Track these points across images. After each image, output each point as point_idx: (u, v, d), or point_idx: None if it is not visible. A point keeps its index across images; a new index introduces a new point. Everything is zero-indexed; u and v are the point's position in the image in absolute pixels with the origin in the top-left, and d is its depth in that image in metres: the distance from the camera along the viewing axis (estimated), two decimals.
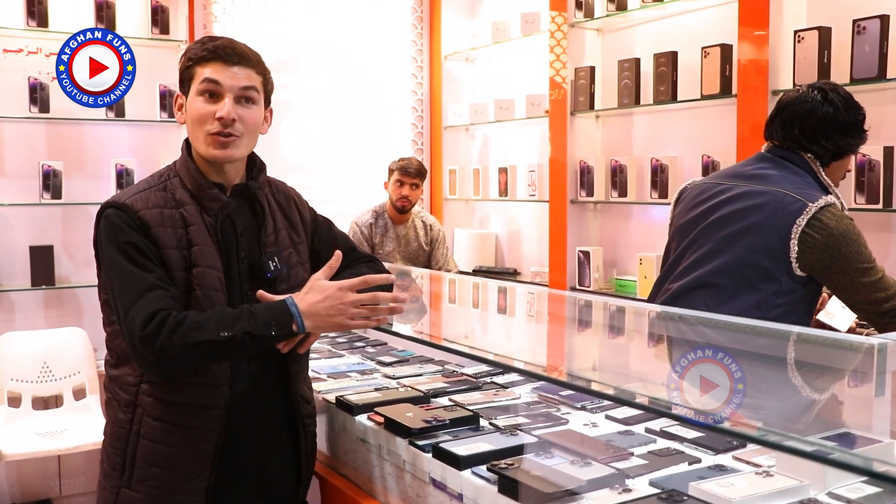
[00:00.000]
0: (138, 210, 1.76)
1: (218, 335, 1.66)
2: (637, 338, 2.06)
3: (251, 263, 1.86)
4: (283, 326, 1.70)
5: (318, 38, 4.99)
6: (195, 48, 1.84)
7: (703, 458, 1.69)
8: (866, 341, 1.77)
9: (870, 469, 1.10)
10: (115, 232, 1.74)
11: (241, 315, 1.69)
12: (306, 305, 1.72)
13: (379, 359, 2.69)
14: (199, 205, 1.82)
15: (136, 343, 1.67)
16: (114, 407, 1.83)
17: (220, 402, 1.79)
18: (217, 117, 1.78)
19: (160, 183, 1.84)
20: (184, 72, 1.84)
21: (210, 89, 1.79)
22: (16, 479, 4.13)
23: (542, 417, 1.98)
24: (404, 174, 4.32)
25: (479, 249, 5.05)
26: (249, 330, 1.67)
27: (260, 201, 1.90)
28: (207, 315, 1.69)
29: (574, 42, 4.26)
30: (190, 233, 1.78)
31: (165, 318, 1.66)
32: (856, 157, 2.99)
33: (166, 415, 1.78)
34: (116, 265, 1.73)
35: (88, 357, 4.18)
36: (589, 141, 4.33)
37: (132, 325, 1.66)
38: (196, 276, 1.76)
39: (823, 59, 3.08)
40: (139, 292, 1.69)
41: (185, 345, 1.65)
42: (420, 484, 1.80)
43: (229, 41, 1.83)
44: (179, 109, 1.87)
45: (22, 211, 4.26)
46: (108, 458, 1.84)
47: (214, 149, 1.80)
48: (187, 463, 1.78)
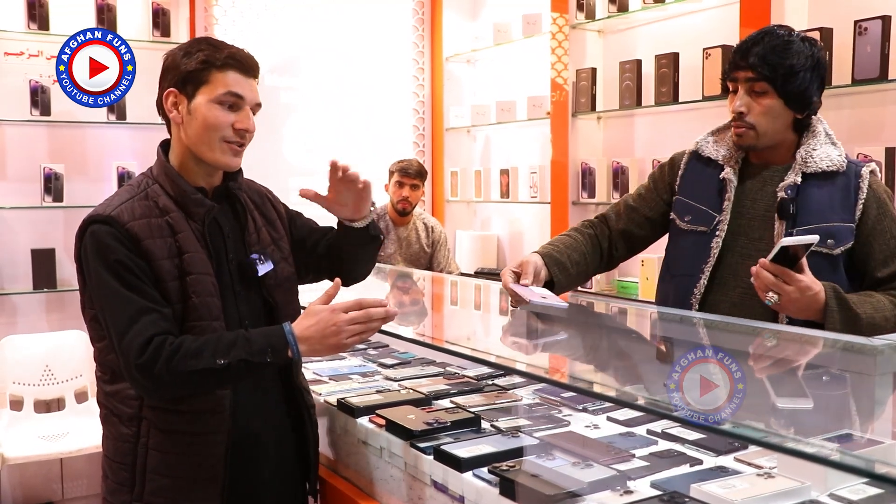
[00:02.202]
0: (126, 223, 1.72)
1: (214, 363, 1.66)
2: (638, 339, 2.05)
3: (239, 263, 1.86)
4: (279, 353, 1.70)
5: (319, 40, 4.99)
6: (209, 50, 1.79)
7: (704, 459, 1.68)
8: (868, 342, 1.77)
9: (871, 471, 1.09)
10: (103, 250, 1.71)
11: (236, 342, 1.68)
12: (300, 330, 1.71)
13: (380, 361, 2.69)
14: (184, 211, 1.80)
15: (133, 371, 1.67)
16: (113, 422, 1.81)
17: (225, 406, 1.79)
18: (240, 128, 1.79)
19: (140, 191, 1.80)
20: (194, 72, 1.78)
21: (232, 102, 1.79)
22: (18, 483, 4.13)
23: (543, 419, 1.98)
24: (404, 175, 4.32)
25: (481, 251, 5.05)
26: (245, 357, 1.67)
27: (241, 202, 1.91)
28: (203, 341, 1.68)
29: (575, 43, 4.26)
30: (179, 240, 1.76)
31: (161, 343, 1.65)
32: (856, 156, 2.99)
33: (174, 424, 1.77)
34: (107, 286, 1.70)
35: (90, 360, 4.15)
36: (590, 142, 4.32)
37: (128, 352, 1.66)
38: (191, 284, 1.75)
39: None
40: (132, 316, 1.67)
41: (181, 373, 1.65)
42: (421, 486, 1.79)
43: (241, 49, 1.83)
44: (175, 108, 1.81)
45: (23, 214, 4.26)
46: (112, 473, 1.82)
47: (230, 156, 1.81)
48: (200, 469, 1.78)
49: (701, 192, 2.12)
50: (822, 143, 2.01)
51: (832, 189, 1.98)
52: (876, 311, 1.89)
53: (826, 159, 1.98)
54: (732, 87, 2.03)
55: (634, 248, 2.30)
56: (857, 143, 3.08)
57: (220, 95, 1.77)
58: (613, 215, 2.28)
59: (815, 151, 1.99)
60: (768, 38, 1.98)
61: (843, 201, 1.97)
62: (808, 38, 2.02)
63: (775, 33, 2.00)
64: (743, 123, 2.00)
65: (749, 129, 2.00)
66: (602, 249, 2.24)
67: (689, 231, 2.11)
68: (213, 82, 1.78)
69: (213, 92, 1.78)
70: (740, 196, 2.06)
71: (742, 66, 1.98)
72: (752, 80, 1.97)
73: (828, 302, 1.83)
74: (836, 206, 1.97)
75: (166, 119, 1.86)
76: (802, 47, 1.97)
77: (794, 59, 1.95)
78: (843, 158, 2.00)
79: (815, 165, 1.98)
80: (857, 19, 2.99)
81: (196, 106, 1.79)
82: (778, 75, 1.95)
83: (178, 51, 1.83)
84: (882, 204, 1.98)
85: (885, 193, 2.01)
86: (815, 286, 1.81)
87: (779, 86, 1.96)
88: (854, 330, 1.83)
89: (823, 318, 1.84)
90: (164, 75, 1.83)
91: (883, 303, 1.92)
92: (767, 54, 1.95)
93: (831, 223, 1.95)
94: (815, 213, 1.96)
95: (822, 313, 1.84)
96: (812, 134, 2.02)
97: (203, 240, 1.80)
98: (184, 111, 1.81)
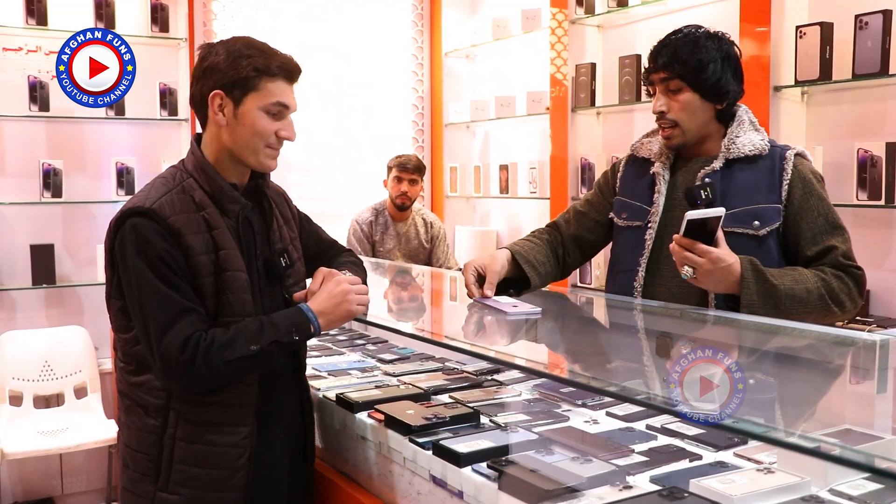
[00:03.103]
0: (167, 217, 1.74)
1: (248, 350, 1.73)
2: (637, 334, 2.05)
3: (265, 261, 1.91)
4: (303, 329, 1.80)
5: (317, 35, 4.98)
6: (260, 57, 1.79)
7: (703, 454, 1.68)
8: (868, 337, 1.76)
9: (871, 466, 1.09)
10: (143, 244, 1.72)
11: (263, 327, 1.75)
12: (315, 305, 1.82)
13: (379, 356, 2.69)
14: (218, 207, 1.82)
15: (172, 368, 1.71)
16: (137, 413, 1.83)
17: (252, 399, 1.84)
18: (283, 136, 1.84)
19: (176, 185, 1.81)
20: (245, 79, 1.78)
21: (279, 110, 1.82)
22: (17, 478, 4.13)
23: (542, 414, 1.97)
24: (402, 170, 4.32)
25: (480, 247, 5.04)
26: (276, 339, 1.75)
27: (269, 200, 1.95)
28: (233, 332, 1.74)
29: (575, 38, 4.25)
30: (214, 237, 1.79)
31: (197, 340, 1.71)
32: (857, 153, 2.99)
33: (203, 416, 1.81)
34: (146, 281, 1.72)
35: (89, 355, 4.18)
36: (590, 138, 4.32)
37: (169, 351, 1.70)
38: (226, 281, 1.78)
39: (825, 54, 3.07)
40: (172, 317, 1.71)
41: (219, 364, 1.71)
42: (420, 481, 1.79)
43: (290, 57, 1.86)
44: (221, 110, 1.80)
45: (22, 210, 4.26)
46: (135, 464, 1.84)
47: (270, 160, 1.86)
48: (227, 459, 1.82)
49: (636, 189, 2.20)
50: (746, 129, 2.09)
51: (756, 172, 2.05)
52: (796, 282, 1.93)
53: (749, 144, 2.06)
54: (651, 90, 2.12)
55: (586, 253, 2.37)
56: (857, 138, 3.07)
57: (268, 105, 1.80)
58: (563, 222, 2.36)
59: (739, 138, 2.08)
60: (676, 37, 2.06)
61: (769, 183, 2.04)
62: (716, 33, 2.09)
63: (682, 32, 2.08)
64: (666, 122, 2.08)
65: (672, 127, 2.07)
66: (558, 256, 2.31)
67: (626, 227, 2.19)
68: (263, 90, 1.80)
69: (262, 100, 1.80)
70: (672, 189, 2.14)
71: (655, 69, 2.07)
72: (667, 80, 2.06)
73: (743, 274, 1.88)
74: (761, 188, 2.03)
75: (202, 115, 1.86)
76: (709, 42, 2.05)
77: (701, 54, 2.02)
78: (766, 143, 2.08)
79: (738, 151, 2.06)
80: (858, 13, 2.98)
81: (244, 112, 1.80)
82: (688, 70, 2.02)
83: (223, 51, 1.80)
84: (808, 184, 2.03)
85: (811, 174, 2.06)
86: (729, 258, 1.86)
87: (691, 80, 2.03)
88: (772, 302, 1.89)
89: (740, 290, 1.89)
90: (208, 74, 1.81)
91: (806, 275, 1.95)
92: (676, 52, 2.03)
93: (757, 204, 2.02)
94: (740, 195, 2.03)
95: (738, 286, 1.88)
96: (736, 123, 2.10)
97: (237, 237, 1.84)
98: (229, 114, 1.80)
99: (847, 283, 1.97)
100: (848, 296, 1.96)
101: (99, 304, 4.30)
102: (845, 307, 1.97)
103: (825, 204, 2.03)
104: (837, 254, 1.98)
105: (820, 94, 3.21)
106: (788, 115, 3.23)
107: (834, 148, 3.14)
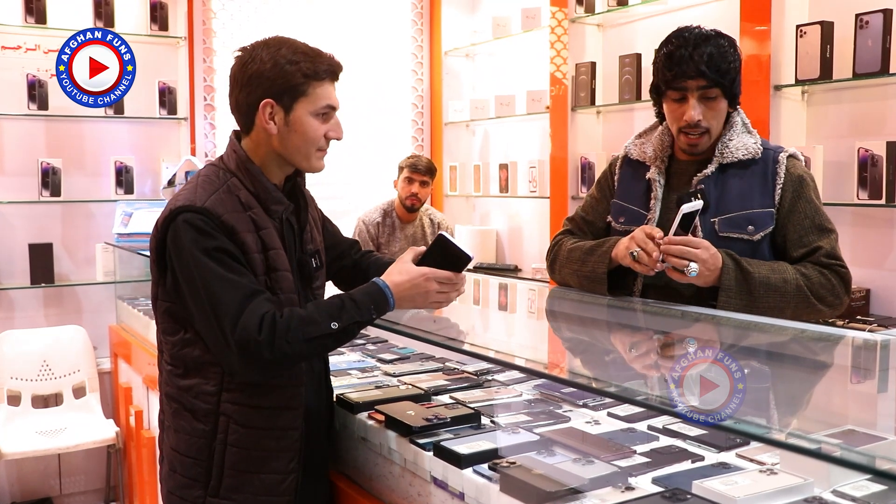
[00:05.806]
0: (221, 214, 1.72)
1: (329, 327, 1.69)
2: (638, 335, 2.05)
3: (299, 261, 1.90)
4: (381, 308, 1.75)
5: (317, 34, 4.96)
6: (307, 62, 1.75)
7: (706, 455, 1.67)
8: (869, 337, 1.76)
9: (874, 467, 1.09)
10: (202, 237, 1.69)
11: (343, 305, 1.71)
12: (395, 287, 1.76)
13: (379, 356, 2.68)
14: (263, 207, 1.81)
15: (252, 350, 1.65)
16: (186, 417, 1.81)
17: (300, 401, 1.84)
18: (333, 137, 1.83)
19: (222, 184, 1.79)
20: (294, 86, 1.75)
21: (328, 113, 1.81)
22: (16, 478, 4.13)
23: (543, 415, 1.97)
24: (414, 171, 4.31)
25: (480, 246, 5.04)
26: (356, 317, 1.71)
27: (305, 200, 1.95)
28: (310, 310, 1.71)
29: (575, 37, 4.25)
30: (262, 237, 1.78)
31: (273, 319, 1.66)
32: (858, 153, 2.98)
33: (255, 420, 1.79)
34: (209, 272, 1.68)
35: (88, 355, 4.17)
36: (590, 137, 4.31)
37: (247, 334, 1.64)
38: (276, 281, 1.78)
39: (826, 53, 3.07)
40: (243, 299, 1.67)
41: (300, 341, 1.67)
42: (421, 483, 1.79)
43: (333, 57, 1.82)
44: (272, 119, 1.77)
45: (21, 209, 4.25)
46: (184, 469, 1.82)
47: (320, 162, 1.85)
48: (280, 464, 1.82)
49: (632, 193, 2.21)
50: (739, 132, 2.09)
51: (750, 177, 2.06)
52: (773, 272, 1.95)
53: (742, 148, 2.06)
54: (677, 95, 2.04)
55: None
56: (858, 137, 3.07)
57: (318, 108, 1.78)
58: (577, 230, 2.36)
59: (732, 142, 2.08)
60: (705, 43, 2.00)
61: (762, 187, 2.05)
62: (728, 35, 2.07)
63: (705, 35, 2.03)
64: (698, 129, 2.04)
65: (702, 134, 2.05)
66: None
67: (623, 232, 2.18)
68: (312, 95, 1.77)
69: (313, 105, 1.78)
70: (668, 193, 2.14)
71: (692, 75, 1.99)
72: (706, 87, 2.01)
73: (724, 261, 1.93)
74: (755, 193, 2.04)
75: (248, 121, 1.81)
76: (731, 47, 2.04)
77: (734, 62, 2.02)
78: (759, 146, 2.07)
79: (732, 156, 2.07)
80: (859, 13, 2.98)
81: (295, 119, 1.77)
82: (727, 79, 2.01)
83: (268, 57, 1.76)
84: (799, 186, 2.04)
85: (805, 175, 2.07)
86: (713, 247, 1.93)
87: (727, 88, 2.02)
88: (748, 289, 1.92)
89: (720, 279, 1.93)
90: (254, 83, 1.76)
91: (784, 267, 1.98)
92: (714, 60, 1.99)
93: (751, 210, 2.03)
94: (735, 200, 2.04)
95: (719, 271, 1.93)
96: (730, 125, 2.10)
97: (282, 237, 1.83)
98: (280, 122, 1.77)
99: (830, 278, 1.98)
100: (830, 291, 1.97)
101: (97, 303, 4.31)
102: (826, 301, 1.97)
103: (813, 206, 2.04)
104: (821, 253, 2.00)
105: (820, 93, 3.21)
106: (789, 115, 3.23)
107: (834, 147, 3.14)
